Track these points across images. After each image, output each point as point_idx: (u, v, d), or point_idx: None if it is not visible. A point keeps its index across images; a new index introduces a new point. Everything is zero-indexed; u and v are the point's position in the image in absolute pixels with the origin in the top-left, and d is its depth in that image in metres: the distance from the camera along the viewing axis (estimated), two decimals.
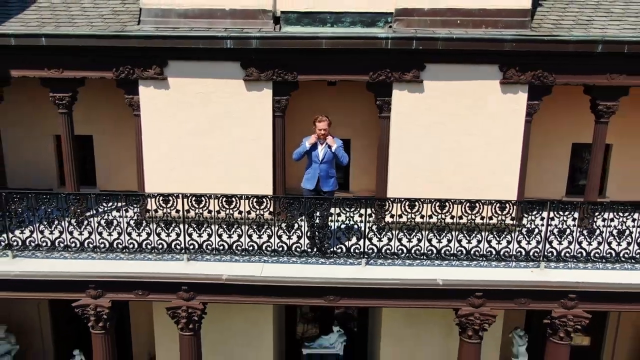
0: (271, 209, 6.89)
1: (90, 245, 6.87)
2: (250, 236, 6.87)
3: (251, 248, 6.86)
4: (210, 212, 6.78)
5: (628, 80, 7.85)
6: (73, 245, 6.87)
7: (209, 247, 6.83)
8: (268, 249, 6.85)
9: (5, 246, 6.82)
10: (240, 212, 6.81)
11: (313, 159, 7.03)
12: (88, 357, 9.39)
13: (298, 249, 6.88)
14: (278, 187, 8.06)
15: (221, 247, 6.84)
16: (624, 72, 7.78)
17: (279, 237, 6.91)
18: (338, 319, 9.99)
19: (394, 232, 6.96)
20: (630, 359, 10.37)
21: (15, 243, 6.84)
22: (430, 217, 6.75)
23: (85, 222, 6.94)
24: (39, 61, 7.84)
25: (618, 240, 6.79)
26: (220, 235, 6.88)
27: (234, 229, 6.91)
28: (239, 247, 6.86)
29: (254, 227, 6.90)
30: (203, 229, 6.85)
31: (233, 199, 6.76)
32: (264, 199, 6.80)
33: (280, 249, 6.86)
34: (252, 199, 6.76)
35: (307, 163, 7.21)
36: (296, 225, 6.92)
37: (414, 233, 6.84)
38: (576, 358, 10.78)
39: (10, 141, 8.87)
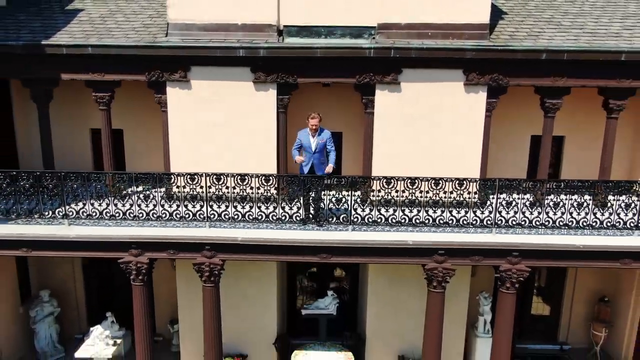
0: (276, 185, 8.60)
1: (131, 215, 8.57)
2: (259, 207, 8.59)
3: (260, 217, 8.56)
4: (227, 188, 8.48)
5: (569, 82, 9.57)
6: (117, 214, 8.56)
7: (226, 215, 8.54)
8: (273, 217, 8.55)
9: (63, 216, 8.51)
10: (251, 188, 8.52)
11: (307, 150, 8.65)
12: (118, 320, 11.14)
13: (297, 218, 8.59)
14: (281, 169, 9.74)
15: (236, 216, 8.54)
16: (565, 75, 9.50)
17: (282, 208, 8.63)
18: (333, 287, 11.67)
19: (374, 204, 8.69)
20: (583, 320, 12.07)
21: (70, 213, 8.53)
22: (404, 191, 8.45)
23: (127, 197, 8.65)
24: (84, 66, 9.55)
25: (554, 210, 8.51)
26: (235, 207, 8.59)
27: (246, 202, 8.63)
28: (250, 216, 8.56)
29: (262, 200, 8.62)
30: (221, 201, 8.56)
31: (246, 177, 8.46)
32: (271, 177, 8.52)
33: (284, 217, 8.57)
34: (261, 177, 8.48)
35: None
36: (296, 199, 8.61)
37: (390, 205, 8.55)
38: (538, 327, 12.60)
39: (57, 134, 10.55)
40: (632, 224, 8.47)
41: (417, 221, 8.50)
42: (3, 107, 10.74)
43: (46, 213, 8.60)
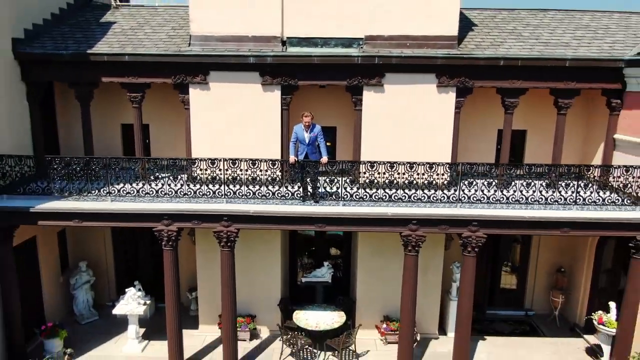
0: (280, 168, 10.53)
1: (162, 193, 10.49)
2: (267, 186, 10.52)
3: (267, 194, 10.48)
4: (240, 170, 10.42)
5: (524, 84, 11.50)
6: (151, 192, 10.48)
7: (240, 193, 10.46)
8: (278, 194, 10.46)
9: (107, 193, 10.43)
10: (260, 170, 10.47)
11: (302, 142, 10.48)
12: (144, 288, 13.05)
13: (298, 195, 10.50)
14: (284, 156, 11.61)
15: (248, 194, 10.46)
16: (521, 78, 11.43)
17: (286, 187, 10.56)
18: (328, 261, 13.58)
19: (361, 185, 10.62)
20: (544, 289, 13.99)
21: (113, 192, 10.45)
22: (384, 173, 10.38)
23: (159, 179, 10.58)
24: (121, 71, 11.48)
25: (507, 189, 10.44)
26: (247, 186, 10.51)
27: (256, 182, 10.56)
28: (259, 193, 10.47)
29: (269, 181, 10.56)
30: (236, 182, 10.49)
31: (256, 161, 10.40)
32: (276, 162, 10.45)
33: (287, 195, 10.48)
34: (268, 161, 10.42)
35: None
36: (297, 180, 10.54)
37: (374, 186, 10.48)
38: (507, 296, 14.52)
39: (95, 128, 12.46)
40: (571, 200, 10.39)
41: (396, 198, 10.41)
42: (48, 105, 12.66)
43: (93, 191, 10.55)
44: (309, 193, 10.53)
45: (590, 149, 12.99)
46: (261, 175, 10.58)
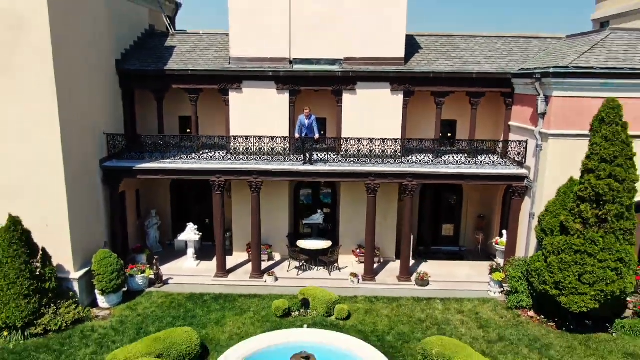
0: (288, 142, 16.65)
1: (215, 158, 16.59)
2: (280, 154, 16.62)
3: (281, 159, 16.58)
4: (264, 143, 16.53)
5: (448, 89, 17.55)
6: (208, 158, 16.58)
7: (263, 158, 16.55)
8: (287, 159, 16.55)
9: (179, 158, 16.52)
10: (276, 144, 16.57)
11: (303, 125, 16.46)
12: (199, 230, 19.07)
13: (300, 159, 16.58)
14: (291, 135, 17.65)
15: (269, 158, 16.55)
16: (445, 85, 17.49)
17: (292, 154, 16.67)
18: (322, 209, 19.59)
19: (341, 155, 16.74)
20: (471, 231, 20.04)
21: (183, 157, 16.53)
22: (354, 145, 16.46)
23: (212, 151, 16.70)
24: (185, 81, 17.56)
25: (435, 155, 16.53)
26: (267, 154, 16.61)
27: (274, 152, 16.65)
28: (276, 158, 16.58)
29: (282, 150, 16.68)
30: (261, 151, 16.59)
31: (274, 137, 16.54)
32: (286, 138, 16.58)
33: (293, 159, 16.57)
34: (281, 138, 16.54)
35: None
36: (299, 150, 16.67)
37: (348, 155, 16.57)
38: (447, 237, 20.55)
39: (165, 120, 18.56)
40: (471, 162, 16.47)
41: (362, 161, 16.49)
42: (130, 103, 18.66)
43: (170, 157, 16.65)
44: (307, 158, 16.61)
45: (498, 131, 19.02)
46: (277, 147, 16.70)
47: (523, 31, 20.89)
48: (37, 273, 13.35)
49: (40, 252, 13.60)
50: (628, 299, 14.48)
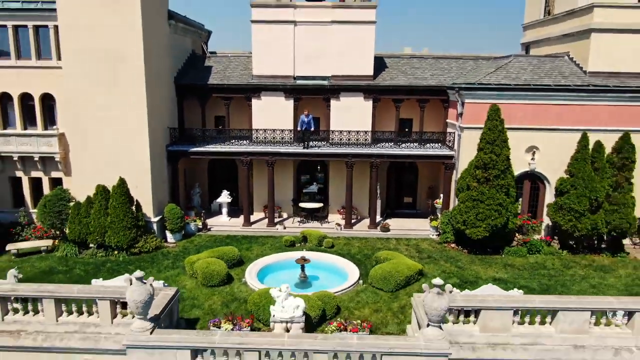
0: (292, 134, 24.33)
1: (242, 144, 24.22)
2: (287, 142, 24.27)
3: (287, 145, 24.19)
4: (275, 134, 24.16)
5: (404, 97, 25.16)
6: (237, 144, 24.20)
7: (276, 144, 24.18)
8: (293, 146, 24.16)
9: (220, 144, 24.15)
10: (284, 135, 24.22)
11: (303, 123, 24.05)
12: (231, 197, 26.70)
13: (301, 146, 24.20)
14: (294, 129, 25.26)
15: (279, 144, 24.18)
16: (402, 94, 25.10)
17: (295, 143, 24.32)
18: (316, 182, 27.19)
19: (330, 142, 24.39)
20: (425, 197, 27.62)
21: (218, 145, 24.17)
22: (338, 135, 24.09)
23: (240, 140, 24.36)
24: (221, 91, 25.20)
25: (394, 142, 24.16)
26: (278, 142, 24.25)
27: (284, 141, 24.30)
28: (284, 145, 24.19)
29: (288, 139, 24.32)
30: (275, 140, 24.24)
31: (283, 130, 24.17)
32: (291, 130, 24.23)
33: (295, 145, 24.19)
34: (287, 130, 24.19)
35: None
36: (299, 140, 24.33)
37: (335, 142, 24.20)
38: (407, 203, 28.20)
39: (205, 118, 26.18)
40: (420, 147, 24.09)
41: (343, 146, 24.12)
42: (181, 106, 26.24)
43: (213, 144, 24.29)
44: (305, 144, 24.20)
45: (440, 126, 26.57)
46: (285, 136, 24.36)
47: (477, 49, 28.54)
48: (134, 216, 20.97)
49: (135, 203, 21.24)
50: (517, 235, 22.06)
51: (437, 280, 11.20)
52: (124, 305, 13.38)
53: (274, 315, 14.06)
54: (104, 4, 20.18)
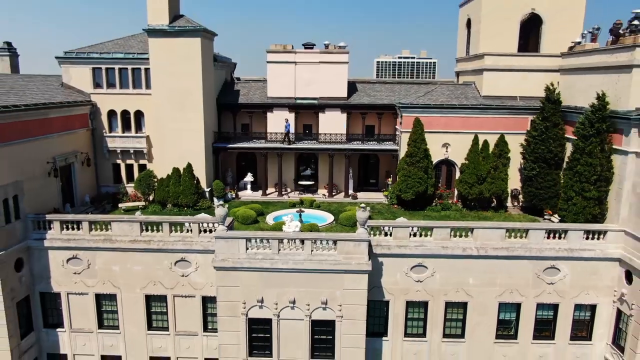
0: (294, 136, 36.52)
1: (263, 142, 36.30)
2: (290, 141, 36.39)
3: (283, 143, 36.27)
4: (282, 136, 36.29)
5: (367, 111, 37.16)
6: (256, 143, 36.28)
7: (285, 143, 36.27)
8: (292, 144, 36.23)
9: (247, 141, 36.25)
10: (286, 136, 36.39)
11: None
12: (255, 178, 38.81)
13: (285, 142, 36.26)
14: (295, 133, 37.28)
15: (286, 142, 36.27)
16: (366, 109, 37.12)
17: (285, 141, 36.48)
18: (310, 168, 39.20)
19: (318, 141, 36.53)
20: (384, 179, 39.69)
21: (244, 142, 36.24)
22: (324, 135, 36.16)
23: (260, 140, 36.54)
24: (247, 107, 37.24)
25: (362, 142, 36.27)
26: (285, 141, 36.36)
27: (290, 141, 36.43)
28: (283, 143, 36.29)
29: (286, 139, 36.51)
30: (284, 138, 36.37)
31: (287, 133, 36.30)
32: (293, 134, 36.35)
33: (285, 142, 36.27)
34: (291, 134, 36.29)
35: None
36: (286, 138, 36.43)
37: (322, 140, 36.29)
38: (371, 185, 40.43)
39: (234, 124, 38.23)
40: (378, 144, 36.14)
41: (327, 143, 36.15)
42: (220, 117, 38.25)
43: (244, 142, 36.36)
44: (289, 141, 36.21)
45: (392, 131, 38.52)
46: (286, 138, 36.45)
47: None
48: (195, 187, 32.98)
49: (196, 179, 33.32)
50: (436, 199, 34.03)
51: (362, 206, 23.28)
52: (204, 231, 25.54)
53: (284, 231, 26.12)
54: (178, 58, 32.19)
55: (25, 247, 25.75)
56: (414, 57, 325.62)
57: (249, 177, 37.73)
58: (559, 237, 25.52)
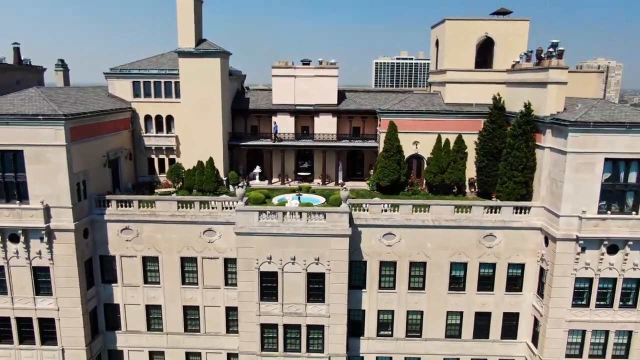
0: (293, 135, 44.14)
1: (270, 140, 43.88)
2: (290, 140, 43.97)
3: (291, 141, 43.82)
4: (285, 135, 43.84)
5: (354, 115, 44.70)
6: (263, 141, 43.86)
7: (288, 140, 43.82)
8: (292, 141, 43.77)
9: (262, 139, 43.83)
10: (289, 136, 43.98)
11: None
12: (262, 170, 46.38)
13: (275, 141, 43.81)
14: (295, 133, 44.79)
15: (285, 141, 43.84)
16: (352, 114, 44.64)
17: (278, 140, 44.09)
18: (307, 161, 46.70)
19: (313, 139, 44.14)
20: (368, 171, 47.30)
21: (254, 141, 43.81)
22: (318, 135, 43.72)
23: (263, 138, 44.14)
24: (255, 112, 44.75)
25: (350, 140, 43.86)
26: (286, 140, 43.94)
27: (293, 140, 44.02)
28: (288, 141, 43.85)
29: (292, 137, 44.10)
30: (288, 137, 43.96)
31: (288, 132, 43.83)
32: (292, 134, 43.93)
33: (276, 141, 43.83)
34: (291, 134, 43.84)
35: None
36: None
37: (318, 137, 43.87)
38: (356, 175, 48.11)
39: (247, 124, 45.76)
40: (363, 142, 43.71)
41: (321, 141, 43.69)
42: (233, 120, 45.78)
43: (252, 141, 43.93)
44: (276, 139, 43.74)
45: (374, 131, 45.98)
46: (289, 137, 43.96)
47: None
48: (216, 176, 40.48)
49: (216, 170, 40.84)
50: (409, 186, 41.53)
51: (345, 187, 30.85)
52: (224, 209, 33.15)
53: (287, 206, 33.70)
54: (202, 74, 39.64)
55: (90, 220, 33.28)
56: (412, 59, 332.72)
57: (257, 169, 45.24)
58: (495, 212, 33.07)
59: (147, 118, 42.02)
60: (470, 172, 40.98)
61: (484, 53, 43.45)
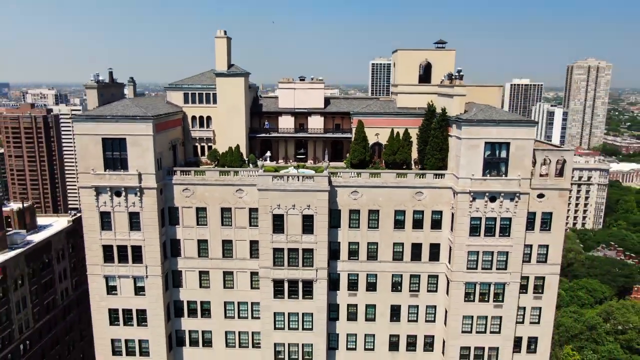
0: (294, 129, 62.39)
1: (275, 133, 61.97)
2: (290, 133, 62.14)
3: (291, 134, 61.93)
4: (287, 128, 62.01)
5: (337, 116, 62.78)
6: (272, 134, 61.92)
7: (286, 133, 61.91)
8: (291, 134, 61.84)
9: (265, 134, 61.91)
10: (289, 128, 62.18)
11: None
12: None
13: (267, 133, 61.91)
14: (294, 129, 62.76)
15: (287, 134, 61.95)
16: (335, 115, 62.73)
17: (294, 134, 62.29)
18: (303, 148, 64.65)
19: (308, 132, 62.31)
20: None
21: (262, 135, 61.89)
22: (312, 129, 61.87)
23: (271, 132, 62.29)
24: (267, 114, 62.68)
25: (333, 133, 61.97)
26: (287, 133, 62.06)
27: (289, 132, 62.10)
28: (289, 134, 61.95)
29: (292, 130, 62.28)
30: (287, 131, 62.08)
31: (289, 128, 61.97)
32: (292, 129, 62.13)
33: (293, 133, 61.94)
34: (291, 129, 62.00)
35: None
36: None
37: (312, 132, 61.99)
38: (340, 160, 66.44)
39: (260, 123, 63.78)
40: (343, 134, 61.85)
41: (313, 134, 61.74)
42: (251, 118, 63.66)
43: (264, 133, 62.02)
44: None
45: (350, 127, 63.91)
46: (290, 129, 62.04)
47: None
48: (241, 157, 58.45)
49: (241, 153, 58.83)
50: (372, 164, 59.53)
51: (326, 161, 48.95)
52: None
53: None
54: (232, 88, 57.62)
55: (163, 183, 51.35)
56: None
57: (268, 154, 63.12)
58: (422, 177, 51.20)
59: (193, 118, 59.95)
60: (415, 154, 59.10)
61: (428, 71, 61.47)
